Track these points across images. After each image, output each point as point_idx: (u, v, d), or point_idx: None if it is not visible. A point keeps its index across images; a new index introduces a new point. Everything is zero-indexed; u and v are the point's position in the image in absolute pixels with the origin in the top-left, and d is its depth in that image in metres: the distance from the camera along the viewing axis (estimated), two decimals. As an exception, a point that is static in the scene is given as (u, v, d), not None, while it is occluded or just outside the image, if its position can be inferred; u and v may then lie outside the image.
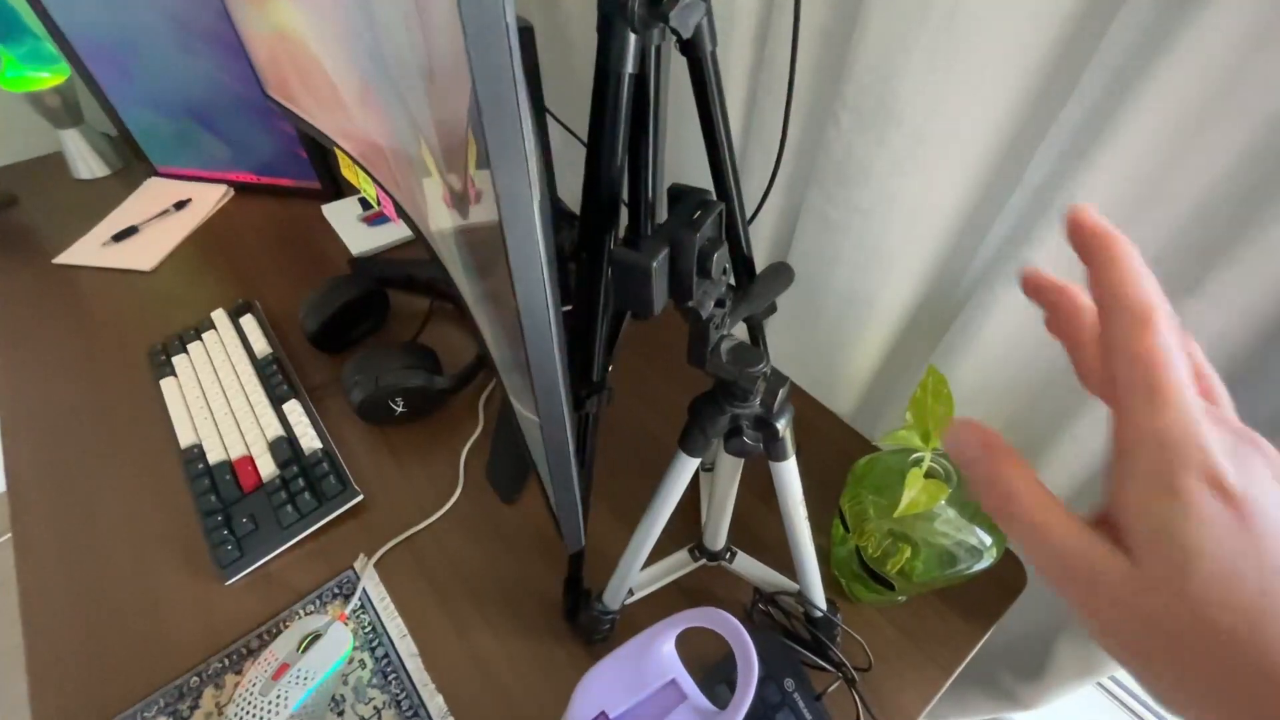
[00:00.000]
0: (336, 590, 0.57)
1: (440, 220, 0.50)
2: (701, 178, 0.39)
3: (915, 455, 0.49)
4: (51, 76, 0.94)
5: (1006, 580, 0.58)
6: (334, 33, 0.54)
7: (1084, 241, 0.17)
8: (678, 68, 0.35)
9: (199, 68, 0.85)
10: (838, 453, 0.65)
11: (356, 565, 0.59)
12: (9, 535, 0.60)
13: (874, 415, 0.73)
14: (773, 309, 0.47)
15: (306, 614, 0.55)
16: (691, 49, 0.33)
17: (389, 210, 0.72)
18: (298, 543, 0.60)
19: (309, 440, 0.65)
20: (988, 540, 0.49)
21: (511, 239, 0.23)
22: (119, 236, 0.91)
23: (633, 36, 0.29)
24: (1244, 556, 0.14)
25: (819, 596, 0.49)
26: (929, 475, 0.48)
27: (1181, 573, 0.15)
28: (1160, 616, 0.15)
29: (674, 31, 0.30)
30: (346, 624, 0.54)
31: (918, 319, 0.62)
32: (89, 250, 0.89)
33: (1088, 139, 0.42)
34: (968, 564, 0.49)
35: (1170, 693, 0.16)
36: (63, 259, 0.88)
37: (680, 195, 0.34)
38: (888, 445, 0.49)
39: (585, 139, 0.34)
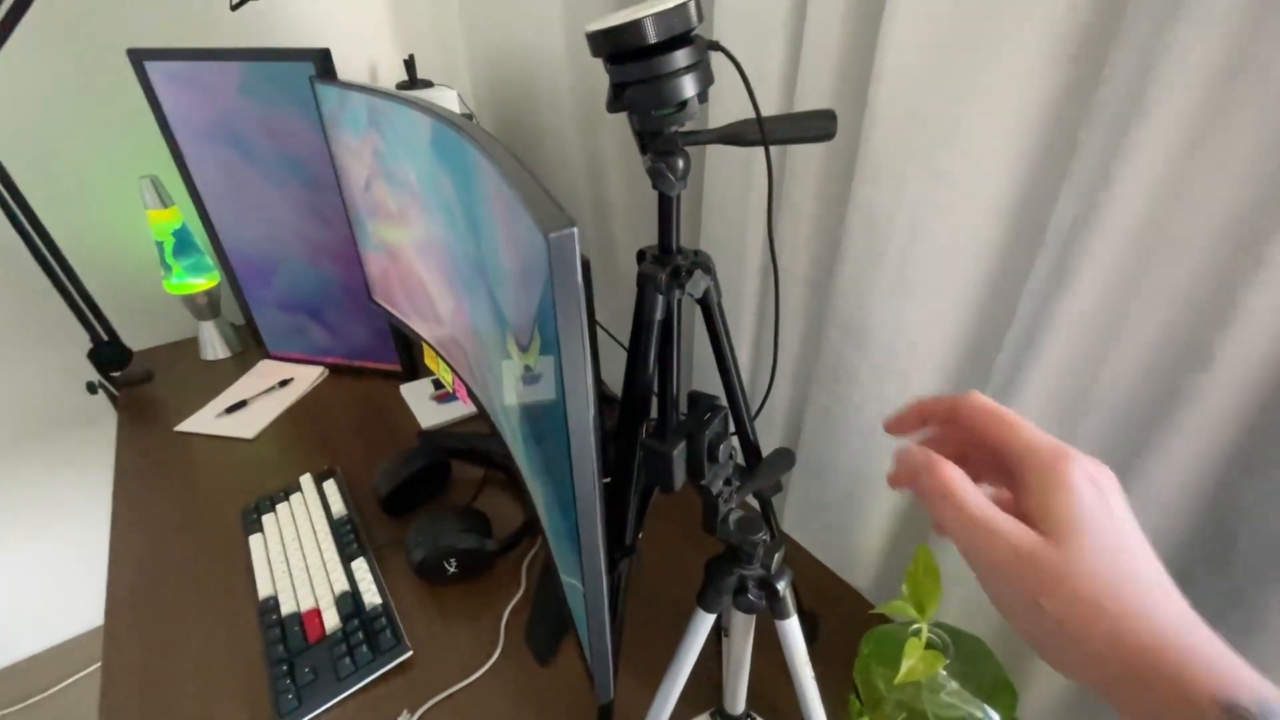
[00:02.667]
0: (379, 745, 0.61)
1: (511, 398, 0.62)
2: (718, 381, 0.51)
3: (914, 626, 0.54)
4: (205, 283, 1.18)
5: (1031, 768, 0.58)
6: (437, 260, 0.72)
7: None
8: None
9: (321, 277, 1.07)
10: (856, 625, 0.69)
11: (400, 720, 0.63)
12: (98, 665, 0.68)
13: (892, 589, 0.77)
14: (778, 487, 0.56)
15: (350, 767, 0.59)
16: (704, 301, 0.46)
17: (461, 394, 0.87)
18: (350, 695, 0.65)
19: (370, 596, 0.72)
20: (995, 716, 0.52)
21: (573, 424, 0.33)
22: (230, 409, 1.07)
23: (660, 297, 0.43)
24: (1112, 528, 0.23)
25: (833, 767, 0.51)
26: (928, 646, 0.52)
27: (1078, 526, 0.22)
28: (1065, 565, 0.22)
29: (689, 294, 0.44)
30: (387, 778, 0.57)
31: (918, 501, 0.69)
32: (204, 420, 1.06)
33: (1025, 348, 0.52)
34: (980, 739, 0.51)
35: (1059, 653, 0.23)
36: (182, 427, 1.04)
37: (697, 400, 0.45)
38: (887, 613, 0.54)
39: (625, 345, 0.47)
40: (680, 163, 0.40)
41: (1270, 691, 0.20)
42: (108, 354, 1.12)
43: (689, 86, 0.37)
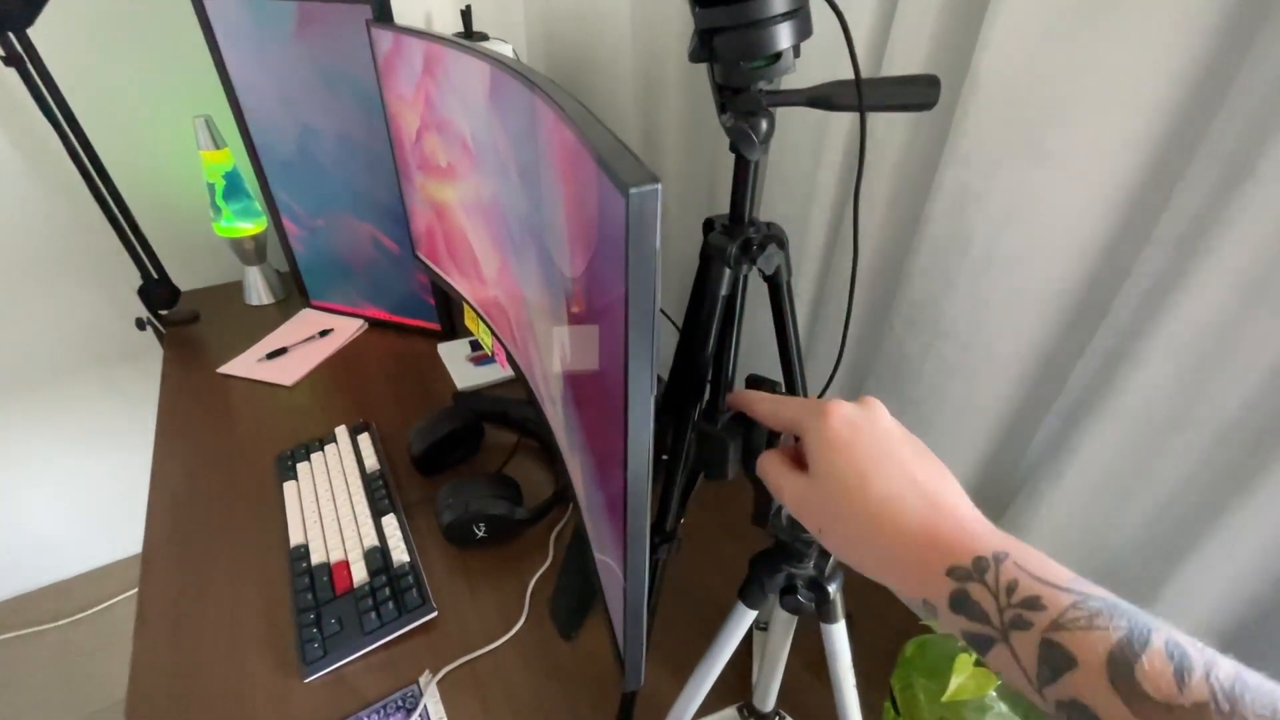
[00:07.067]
0: (400, 703, 0.61)
1: (557, 365, 0.60)
2: (774, 366, 0.47)
3: (964, 640, 0.50)
4: (253, 227, 1.18)
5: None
6: (486, 218, 0.70)
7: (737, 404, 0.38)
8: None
9: (366, 231, 1.06)
10: (892, 630, 0.66)
11: (421, 680, 0.63)
12: (135, 591, 0.69)
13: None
14: (829, 482, 0.53)
15: (370, 722, 0.59)
16: (773, 279, 0.43)
17: (500, 357, 0.85)
18: (373, 650, 0.65)
19: (399, 553, 0.72)
20: (1043, 743, 0.49)
21: (633, 400, 0.31)
22: (271, 355, 1.08)
23: (727, 270, 0.40)
24: (859, 458, 0.29)
25: (865, 778, 0.49)
26: (978, 663, 0.49)
27: (828, 466, 0.30)
28: (823, 496, 0.30)
29: (759, 269, 0.40)
30: (406, 737, 0.57)
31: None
32: (246, 364, 1.06)
33: (1117, 358, 0.48)
34: (1023, 766, 0.48)
35: (837, 546, 0.30)
36: (224, 369, 1.05)
37: (757, 383, 0.42)
38: (936, 626, 0.51)
39: (675, 321, 0.44)
40: (764, 124, 0.36)
41: (989, 545, 0.26)
42: (157, 292, 1.13)
43: (785, 37, 0.33)
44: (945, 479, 0.29)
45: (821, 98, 0.38)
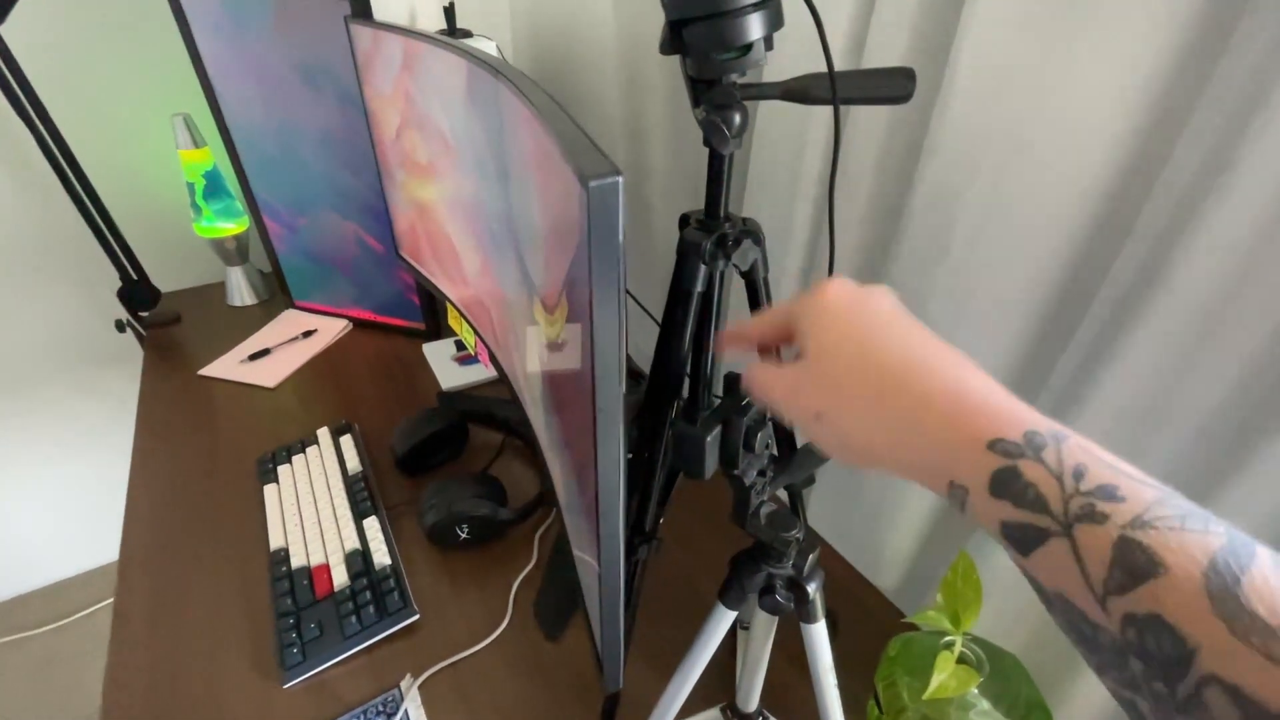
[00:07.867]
0: (381, 708, 0.60)
1: (534, 365, 0.59)
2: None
3: (947, 639, 0.50)
4: (235, 227, 1.17)
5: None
6: (466, 216, 0.69)
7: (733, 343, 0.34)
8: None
9: (349, 230, 1.05)
10: (877, 628, 0.66)
11: (402, 685, 0.62)
12: (111, 600, 0.68)
13: (917, 594, 0.73)
14: (811, 480, 0.53)
15: (350, 727, 0.58)
16: (749, 275, 0.42)
17: (483, 357, 0.84)
18: (353, 654, 0.64)
19: (381, 556, 0.71)
20: (1026, 740, 0.48)
21: (600, 394, 0.30)
22: (254, 356, 1.06)
23: (702, 266, 0.39)
24: (860, 326, 0.26)
25: (848, 777, 0.48)
26: (960, 661, 0.49)
27: (823, 340, 0.26)
28: (821, 374, 0.26)
29: (734, 265, 0.40)
30: (386, 743, 0.56)
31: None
32: (228, 366, 1.05)
33: (1094, 361, 0.48)
34: (1007, 764, 0.48)
35: (843, 429, 0.25)
36: (205, 371, 1.04)
37: (735, 382, 0.41)
38: (918, 623, 0.51)
39: (654, 315, 0.43)
40: (737, 117, 0.36)
41: (1041, 423, 0.21)
42: (137, 293, 1.12)
43: (755, 27, 0.33)
44: (967, 359, 0.24)
45: (796, 91, 0.37)
